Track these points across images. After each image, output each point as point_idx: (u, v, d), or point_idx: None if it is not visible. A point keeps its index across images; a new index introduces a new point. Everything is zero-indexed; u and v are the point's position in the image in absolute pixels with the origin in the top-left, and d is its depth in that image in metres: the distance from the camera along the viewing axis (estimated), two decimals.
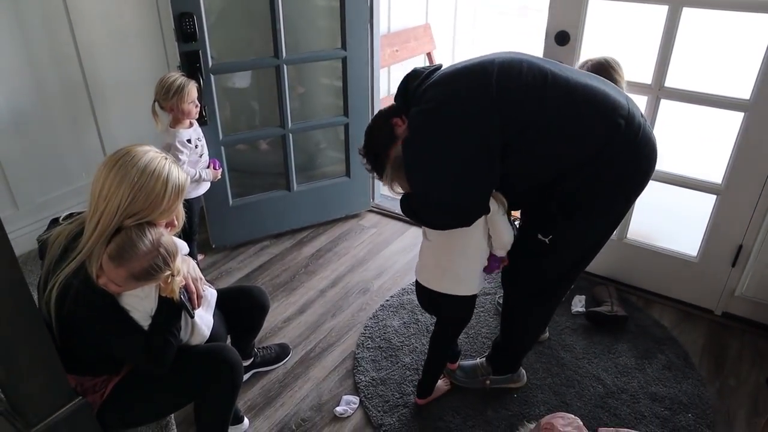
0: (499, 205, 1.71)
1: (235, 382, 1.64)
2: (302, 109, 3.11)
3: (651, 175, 1.69)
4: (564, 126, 1.57)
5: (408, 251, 2.99)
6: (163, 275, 1.44)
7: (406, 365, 2.24)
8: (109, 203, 1.37)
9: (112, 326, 1.46)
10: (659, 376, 2.19)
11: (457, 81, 1.59)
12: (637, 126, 1.60)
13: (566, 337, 2.38)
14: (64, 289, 1.39)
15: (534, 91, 1.55)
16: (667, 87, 2.27)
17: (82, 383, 1.57)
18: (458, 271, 1.79)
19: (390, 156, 1.73)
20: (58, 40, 2.59)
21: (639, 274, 2.62)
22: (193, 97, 2.36)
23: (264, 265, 2.88)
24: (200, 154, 2.48)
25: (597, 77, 1.69)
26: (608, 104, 1.58)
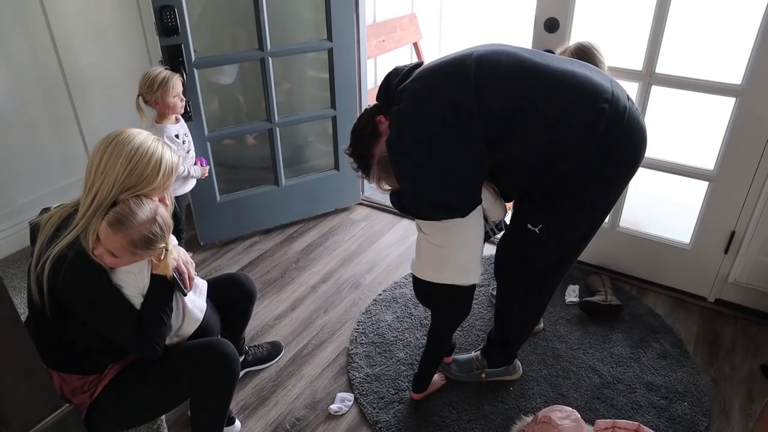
0: (491, 192, 1.70)
1: (232, 376, 1.62)
2: (289, 103, 3.06)
3: (641, 159, 1.67)
4: (546, 113, 1.54)
5: (400, 243, 2.96)
6: (158, 246, 1.45)
7: (401, 360, 2.22)
8: (105, 178, 1.41)
9: (104, 302, 1.45)
10: (654, 365, 2.18)
11: (435, 77, 1.57)
12: (623, 109, 1.58)
13: (561, 328, 2.36)
14: (59, 260, 1.39)
15: (513, 81, 1.53)
16: (658, 73, 2.25)
17: (70, 383, 1.53)
18: (459, 260, 1.76)
19: (375, 155, 1.71)
20: (34, 38, 2.52)
21: (632, 262, 2.61)
22: (178, 90, 2.32)
23: (254, 262, 2.84)
24: (187, 150, 2.43)
25: (579, 62, 1.66)
26: (591, 89, 1.55)
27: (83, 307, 1.45)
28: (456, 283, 1.77)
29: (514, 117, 1.53)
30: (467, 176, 1.57)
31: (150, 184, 1.45)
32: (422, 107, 1.55)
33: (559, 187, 1.63)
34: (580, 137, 1.54)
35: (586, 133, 1.54)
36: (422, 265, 1.83)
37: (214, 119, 2.93)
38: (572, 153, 1.56)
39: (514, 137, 1.56)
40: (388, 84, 1.67)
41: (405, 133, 1.57)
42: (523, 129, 1.55)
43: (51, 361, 1.54)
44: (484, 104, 1.51)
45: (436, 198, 1.61)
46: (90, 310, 1.45)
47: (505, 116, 1.53)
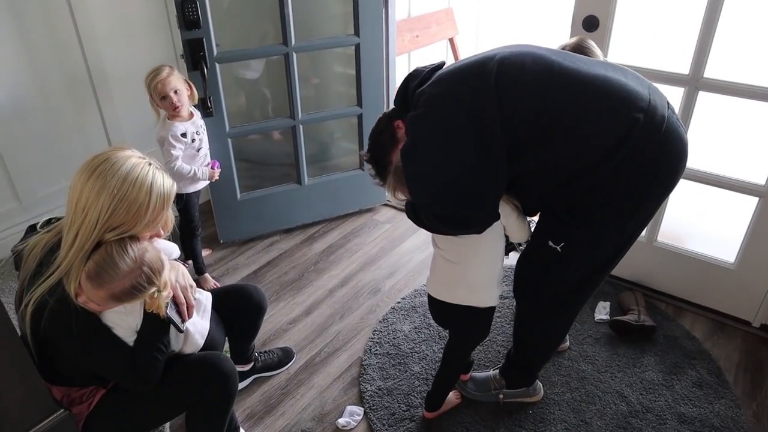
0: (512, 208, 1.57)
1: (229, 394, 1.55)
2: (314, 99, 2.98)
3: (680, 174, 1.52)
4: (572, 123, 1.41)
5: (423, 249, 2.85)
6: (147, 293, 1.33)
7: (415, 374, 2.12)
8: (87, 216, 1.26)
9: (92, 346, 1.37)
10: (689, 395, 2.02)
11: (454, 81, 1.46)
12: (660, 119, 1.43)
13: (588, 348, 2.22)
14: (39, 307, 1.29)
15: (538, 86, 1.40)
16: (707, 78, 2.07)
17: (69, 394, 1.50)
18: (473, 280, 1.65)
19: (392, 161, 1.61)
20: (58, 29, 2.50)
21: (670, 280, 2.44)
22: (165, 90, 2.19)
23: (272, 262, 2.78)
24: (198, 149, 2.36)
25: (614, 66, 1.51)
26: (624, 96, 1.41)
27: (71, 352, 1.38)
28: (470, 304, 1.66)
29: (537, 126, 1.40)
30: (483, 190, 1.46)
31: (139, 221, 1.29)
32: (438, 114, 1.44)
33: (585, 203, 1.49)
34: (609, 150, 1.40)
35: (615, 146, 1.40)
36: (435, 282, 1.73)
37: (240, 114, 2.88)
38: (600, 167, 1.42)
39: (536, 148, 1.44)
40: (407, 87, 1.57)
41: (419, 141, 1.47)
42: (546, 139, 1.42)
43: (48, 376, 1.48)
44: (505, 113, 1.39)
45: (447, 212, 1.50)
46: (78, 354, 1.38)
47: (527, 126, 1.41)
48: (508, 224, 1.60)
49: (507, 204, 1.56)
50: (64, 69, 2.57)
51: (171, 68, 2.23)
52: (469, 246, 1.60)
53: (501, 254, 1.66)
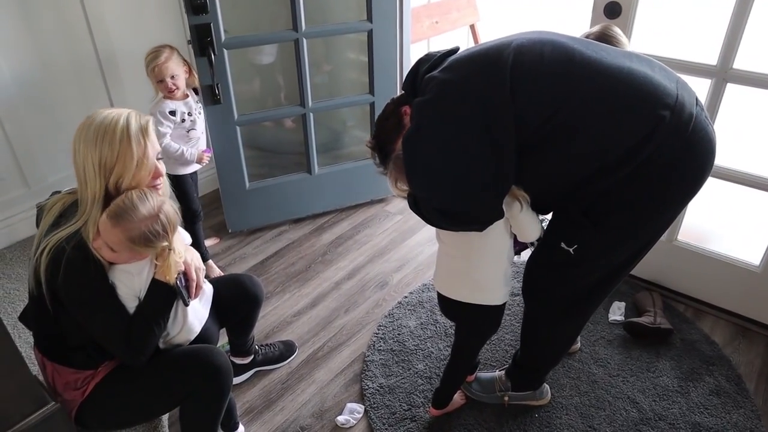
0: (522, 202, 1.46)
1: (221, 389, 1.51)
2: (327, 86, 2.91)
3: (706, 175, 1.41)
4: (592, 119, 1.31)
5: (434, 242, 2.76)
6: (159, 245, 1.36)
7: (419, 372, 2.06)
8: (86, 168, 1.35)
9: (95, 299, 1.37)
10: (705, 403, 1.92)
11: (465, 68, 1.36)
12: (688, 117, 1.32)
13: (600, 350, 2.14)
14: (57, 253, 1.33)
15: (556, 79, 1.31)
16: (736, 69, 1.95)
17: (63, 375, 1.48)
18: (477, 277, 1.58)
19: (396, 149, 1.52)
20: (67, 14, 2.47)
21: (689, 280, 2.33)
22: (162, 74, 2.20)
23: (280, 252, 2.74)
24: (188, 129, 2.34)
25: (640, 56, 1.40)
26: (650, 91, 1.31)
27: (74, 302, 1.38)
28: (474, 302, 1.60)
29: (552, 122, 1.31)
30: (485, 186, 1.37)
31: (129, 159, 1.35)
32: (446, 101, 1.35)
33: (601, 206, 1.40)
34: (631, 150, 1.31)
35: (637, 146, 1.30)
36: (441, 277, 1.66)
37: (252, 101, 2.84)
38: (619, 168, 1.33)
39: (550, 146, 1.34)
40: (417, 71, 1.49)
41: (422, 128, 1.38)
42: (562, 137, 1.33)
43: (46, 350, 1.51)
44: (518, 105, 1.30)
45: (446, 206, 1.42)
46: (80, 306, 1.39)
47: (541, 121, 1.31)
48: (513, 222, 1.51)
49: (514, 200, 1.47)
50: (72, 54, 2.54)
51: (171, 51, 2.21)
52: (472, 242, 1.53)
53: (506, 252, 1.58)
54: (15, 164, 2.55)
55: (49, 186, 2.68)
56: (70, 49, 2.53)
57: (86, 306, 1.38)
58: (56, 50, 2.50)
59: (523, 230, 1.51)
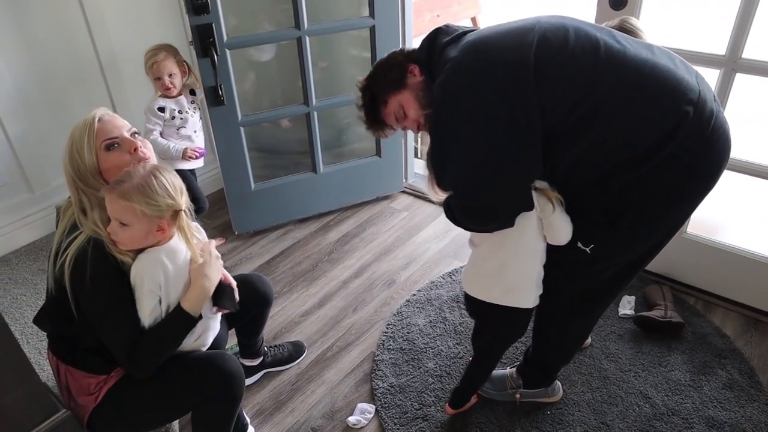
0: (555, 203, 1.42)
1: (233, 395, 1.50)
2: (328, 83, 2.88)
3: (722, 171, 1.39)
4: (617, 112, 1.29)
5: (441, 238, 2.77)
6: (160, 198, 1.31)
7: (429, 371, 2.05)
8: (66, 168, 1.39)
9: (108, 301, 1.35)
10: (718, 397, 1.91)
11: (488, 52, 1.32)
12: (710, 114, 1.30)
13: (611, 344, 2.12)
14: (80, 255, 1.32)
15: (581, 68, 1.28)
16: (745, 59, 1.92)
17: (77, 378, 1.48)
18: (510, 279, 1.54)
19: (388, 103, 1.53)
20: (66, 16, 2.45)
21: (700, 273, 2.31)
22: (160, 72, 2.28)
23: (286, 251, 2.73)
24: (178, 127, 2.38)
25: (661, 49, 1.37)
26: (674, 86, 1.28)
27: (87, 302, 1.36)
28: (505, 304, 1.56)
29: (576, 113, 1.28)
30: (512, 174, 1.33)
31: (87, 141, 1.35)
32: (468, 87, 1.31)
33: (619, 203, 1.37)
34: (653, 145, 1.28)
35: (661, 140, 1.28)
36: (471, 279, 1.63)
37: (250, 100, 2.81)
38: (640, 164, 1.30)
39: (573, 138, 1.31)
40: (435, 39, 1.46)
41: (443, 114, 1.35)
42: (583, 130, 1.30)
43: (60, 352, 1.50)
44: (543, 93, 1.27)
45: (471, 197, 1.39)
46: (92, 305, 1.36)
47: (566, 111, 1.28)
48: (546, 223, 1.45)
49: (547, 201, 1.41)
50: (73, 55, 2.53)
51: (170, 50, 2.29)
52: (507, 244, 1.49)
53: (540, 254, 1.53)
54: (18, 168, 2.54)
55: (53, 190, 2.68)
56: (71, 50, 2.51)
57: (98, 306, 1.36)
58: (56, 52, 2.48)
59: (555, 232, 1.45)
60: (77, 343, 1.46)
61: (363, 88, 1.56)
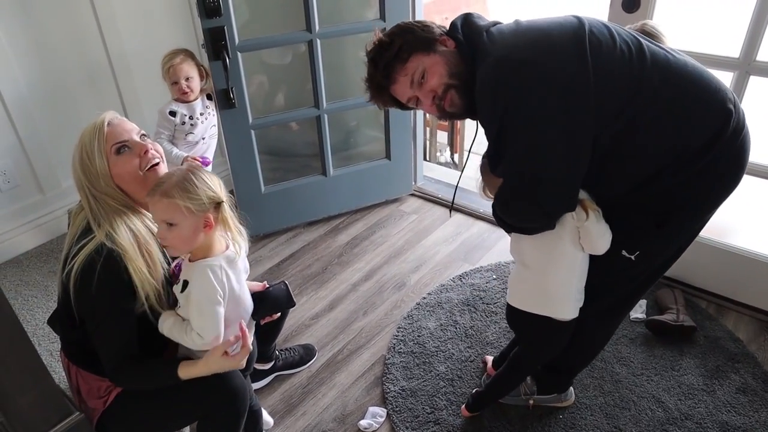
0: (593, 213, 1.39)
1: (236, 411, 1.49)
2: (338, 86, 2.89)
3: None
4: (668, 113, 1.28)
5: (450, 241, 2.76)
6: (201, 192, 1.30)
7: (440, 375, 2.04)
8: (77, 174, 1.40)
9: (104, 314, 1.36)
10: (731, 401, 1.90)
11: (546, 49, 1.25)
12: (743, 115, 1.33)
13: (623, 348, 2.11)
14: (89, 263, 1.31)
15: (630, 71, 1.26)
16: (759, 61, 1.91)
17: (87, 380, 1.49)
18: (549, 288, 1.51)
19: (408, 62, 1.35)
20: (78, 19, 2.47)
21: (712, 276, 2.29)
22: (177, 76, 2.29)
23: (295, 254, 2.73)
24: (186, 133, 2.38)
25: (683, 53, 1.37)
26: (716, 86, 1.29)
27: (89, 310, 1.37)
28: (542, 313, 1.55)
29: (627, 114, 1.26)
30: (559, 170, 1.29)
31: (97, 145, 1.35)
32: (530, 83, 1.24)
33: (666, 204, 1.35)
34: (702, 144, 1.28)
35: (709, 140, 1.28)
36: (512, 288, 1.62)
37: (265, 103, 2.82)
38: (689, 163, 1.29)
39: (622, 139, 1.29)
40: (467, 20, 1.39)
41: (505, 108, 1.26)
42: (635, 130, 1.28)
43: (71, 354, 1.52)
44: (599, 95, 1.24)
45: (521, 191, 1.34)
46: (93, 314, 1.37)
47: (616, 111, 1.26)
48: (583, 233, 1.41)
49: (583, 211, 1.39)
50: (84, 57, 2.54)
51: (187, 54, 2.29)
52: (548, 252, 1.47)
53: (578, 265, 1.49)
54: (30, 170, 2.55)
55: (64, 192, 2.69)
56: (82, 52, 2.53)
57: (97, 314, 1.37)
58: (68, 54, 2.49)
59: (592, 242, 1.42)
60: (85, 345, 1.46)
61: (382, 39, 1.39)
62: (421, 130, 3.13)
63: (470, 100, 1.37)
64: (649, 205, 1.37)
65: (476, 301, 2.35)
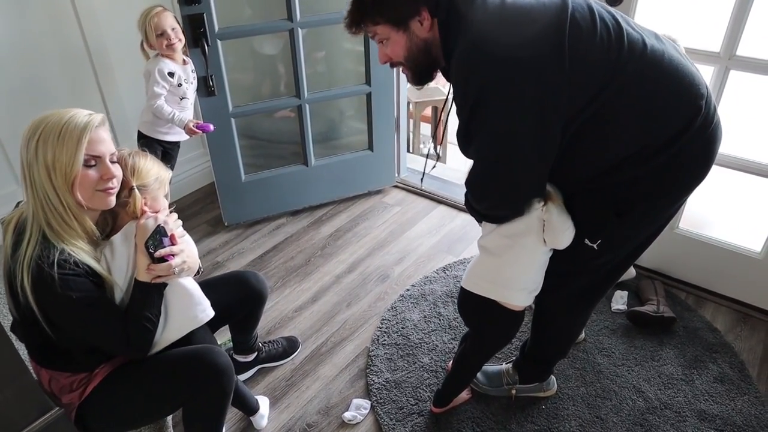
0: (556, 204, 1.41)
1: (223, 390, 1.48)
2: (322, 77, 2.86)
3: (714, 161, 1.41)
4: (637, 106, 1.28)
5: (434, 233, 2.76)
6: None
7: (424, 366, 2.05)
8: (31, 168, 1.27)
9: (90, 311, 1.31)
10: (710, 390, 1.93)
11: (526, 25, 1.23)
12: (714, 109, 1.33)
13: (604, 339, 2.14)
14: (38, 272, 1.25)
15: (606, 60, 1.24)
16: (739, 56, 1.93)
17: (60, 380, 1.45)
18: (507, 274, 1.52)
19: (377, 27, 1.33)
20: (55, 9, 2.39)
21: (691, 268, 2.33)
22: (160, 26, 2.18)
23: (278, 246, 2.71)
24: (181, 97, 2.31)
25: (668, 40, 1.36)
26: (690, 80, 1.29)
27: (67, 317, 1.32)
28: (497, 298, 1.55)
29: (599, 101, 1.26)
30: (528, 163, 1.31)
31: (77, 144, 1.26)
32: (504, 72, 1.22)
33: (629, 195, 1.37)
34: (669, 137, 1.29)
35: (677, 134, 1.28)
36: (470, 273, 1.61)
37: (250, 90, 2.77)
38: (655, 155, 1.30)
39: (591, 127, 1.29)
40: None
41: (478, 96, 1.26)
42: (605, 118, 1.28)
43: (38, 358, 1.46)
44: (574, 80, 1.23)
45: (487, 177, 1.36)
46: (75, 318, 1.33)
47: (589, 98, 1.25)
48: (547, 226, 1.42)
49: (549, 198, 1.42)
50: (61, 48, 2.46)
51: (160, 10, 2.20)
52: (513, 240, 1.48)
53: (541, 257, 1.51)
54: (5, 161, 2.48)
55: None
56: (59, 40, 2.45)
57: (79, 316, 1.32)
58: (44, 41, 2.41)
59: (555, 235, 1.43)
60: (52, 347, 1.41)
61: None
62: (405, 121, 3.12)
63: (423, 76, 1.42)
64: (611, 194, 1.38)
65: None
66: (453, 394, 1.86)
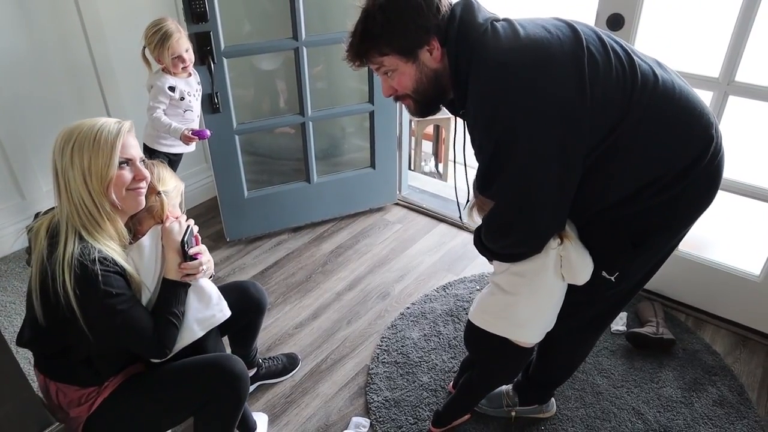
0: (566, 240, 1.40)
1: (239, 396, 1.50)
2: (325, 94, 2.89)
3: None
4: (652, 137, 1.27)
5: (435, 251, 2.77)
6: None
7: (424, 385, 2.05)
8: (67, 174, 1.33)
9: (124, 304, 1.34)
10: (709, 414, 1.93)
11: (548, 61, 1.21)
12: (721, 136, 1.35)
13: (603, 360, 2.14)
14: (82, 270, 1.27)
15: (622, 95, 1.25)
16: (738, 82, 1.96)
17: (68, 394, 1.45)
18: (521, 313, 1.50)
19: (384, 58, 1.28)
20: (64, 22, 2.43)
21: (690, 290, 2.34)
22: (177, 51, 2.21)
23: (279, 262, 2.72)
24: (185, 109, 2.33)
25: (669, 69, 1.37)
26: (701, 111, 1.30)
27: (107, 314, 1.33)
28: (509, 336, 1.53)
29: (615, 134, 1.26)
30: (550, 195, 1.29)
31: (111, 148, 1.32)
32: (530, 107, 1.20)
33: (643, 224, 1.37)
34: (683, 168, 1.29)
35: (690, 164, 1.29)
36: (481, 309, 1.58)
37: (252, 107, 2.80)
38: (670, 186, 1.30)
39: (608, 159, 1.29)
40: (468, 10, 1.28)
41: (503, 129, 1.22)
42: (618, 152, 1.28)
43: (48, 370, 1.47)
44: (594, 113, 1.22)
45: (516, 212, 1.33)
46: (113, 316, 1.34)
47: (606, 131, 1.26)
48: (565, 262, 1.41)
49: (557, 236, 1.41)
50: (68, 61, 2.50)
51: (175, 23, 2.22)
52: (526, 277, 1.46)
53: (558, 294, 1.50)
54: (10, 174, 2.50)
55: (44, 195, 2.64)
56: (66, 54, 2.49)
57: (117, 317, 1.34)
58: (52, 56, 2.45)
59: (574, 272, 1.42)
60: (68, 356, 1.43)
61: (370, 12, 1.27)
62: (407, 139, 3.14)
63: (429, 108, 1.41)
64: (626, 225, 1.38)
65: (460, 312, 2.36)
66: (454, 417, 1.86)
